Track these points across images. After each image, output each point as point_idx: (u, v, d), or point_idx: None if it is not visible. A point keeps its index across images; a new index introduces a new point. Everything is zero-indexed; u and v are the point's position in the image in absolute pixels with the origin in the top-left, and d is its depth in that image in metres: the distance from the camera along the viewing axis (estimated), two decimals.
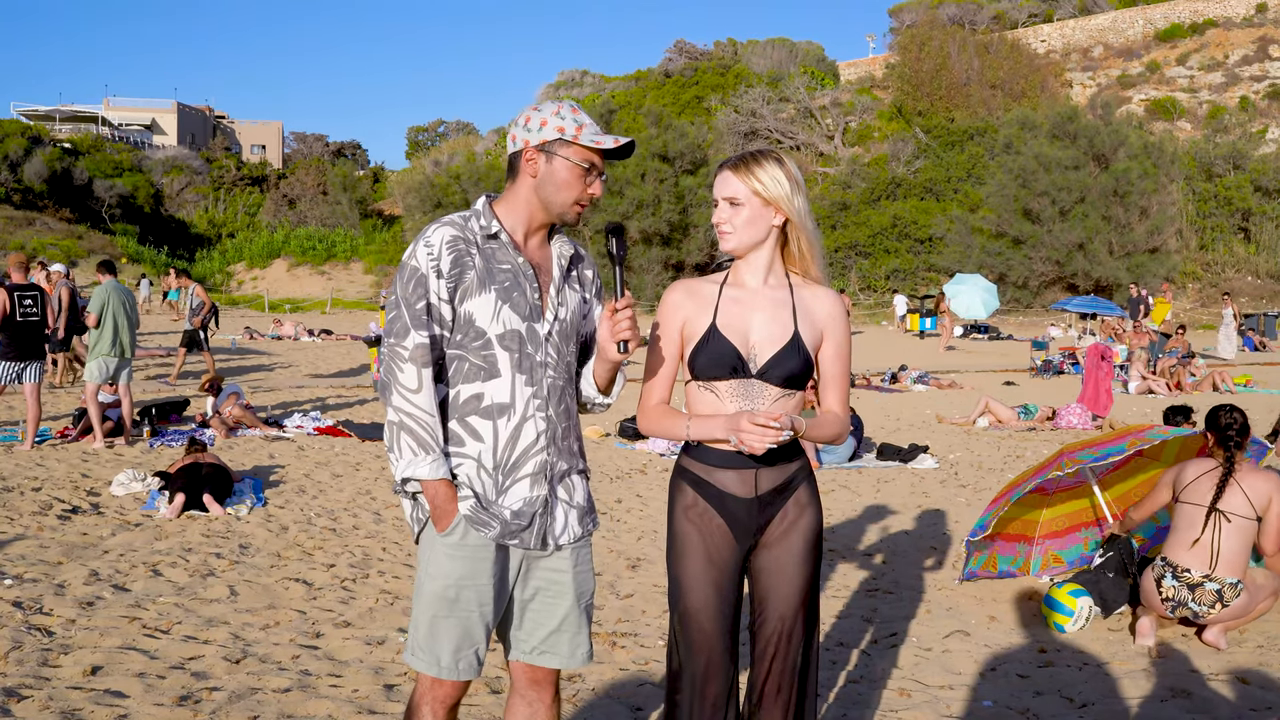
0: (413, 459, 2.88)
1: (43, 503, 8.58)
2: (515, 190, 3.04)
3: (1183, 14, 59.24)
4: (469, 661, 2.98)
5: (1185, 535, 5.76)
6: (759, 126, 55.18)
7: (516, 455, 2.97)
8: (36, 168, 54.56)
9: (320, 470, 10.66)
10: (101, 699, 4.62)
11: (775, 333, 3.15)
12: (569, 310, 3.08)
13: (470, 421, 2.96)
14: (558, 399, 3.03)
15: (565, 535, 3.06)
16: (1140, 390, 20.04)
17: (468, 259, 2.94)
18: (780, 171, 3.18)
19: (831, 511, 9.17)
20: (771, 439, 2.97)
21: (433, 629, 2.97)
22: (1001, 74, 54.73)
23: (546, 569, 3.07)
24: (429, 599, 2.97)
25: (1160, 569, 5.79)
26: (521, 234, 3.04)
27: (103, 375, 11.60)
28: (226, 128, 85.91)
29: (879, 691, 5.03)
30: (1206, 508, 5.70)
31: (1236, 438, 5.83)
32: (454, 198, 49.42)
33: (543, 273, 3.06)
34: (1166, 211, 42.58)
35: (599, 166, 3.00)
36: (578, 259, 3.18)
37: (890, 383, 20.77)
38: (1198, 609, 5.67)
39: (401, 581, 6.78)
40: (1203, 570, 5.68)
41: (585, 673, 5.14)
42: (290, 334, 30.50)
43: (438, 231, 2.95)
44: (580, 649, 3.13)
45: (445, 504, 2.92)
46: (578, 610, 3.11)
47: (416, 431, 2.88)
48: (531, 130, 2.98)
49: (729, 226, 3.16)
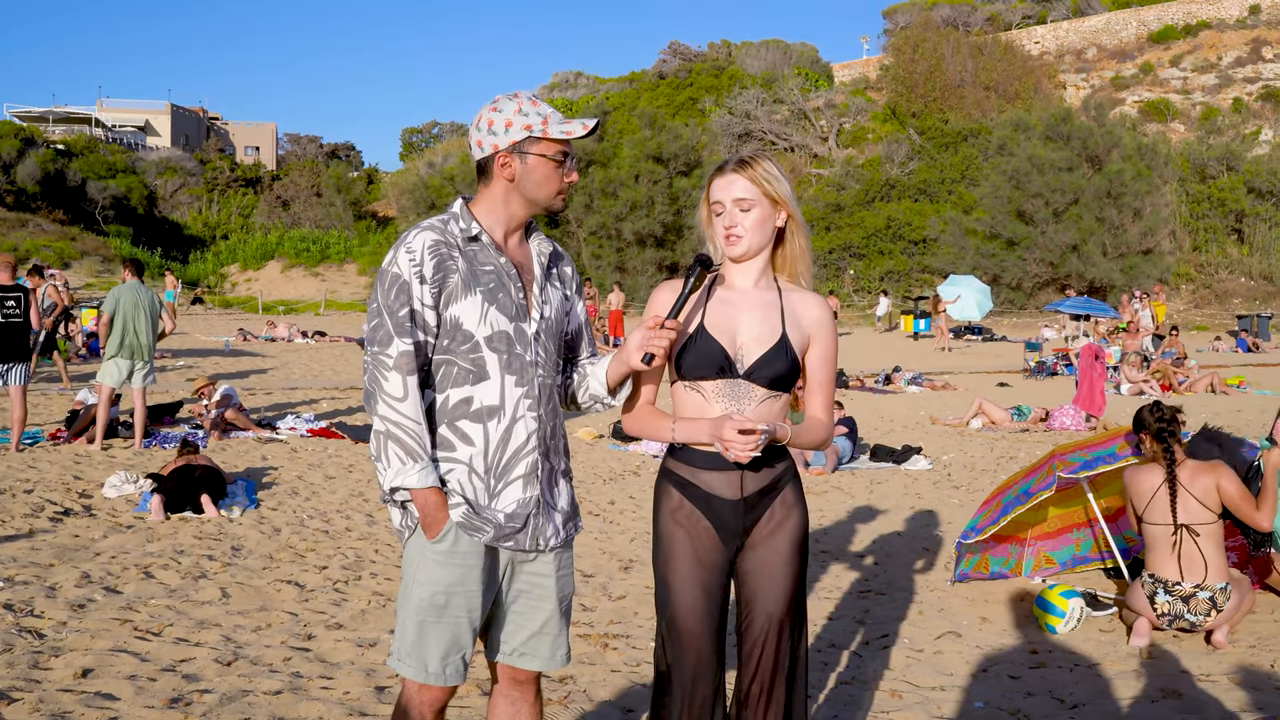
0: (401, 468, 2.87)
1: (34, 505, 8.57)
2: (490, 192, 3.02)
3: (1176, 16, 59.34)
4: (456, 667, 2.99)
5: (1163, 551, 5.80)
6: (753, 128, 55.17)
7: (507, 458, 2.96)
8: (30, 169, 54.43)
9: (313, 472, 10.65)
10: (92, 701, 4.61)
11: (763, 334, 3.15)
12: (553, 308, 3.09)
13: (460, 426, 2.95)
14: (547, 398, 3.03)
15: (554, 538, 3.07)
16: (1133, 392, 20.06)
17: (450, 263, 2.92)
18: (778, 169, 3.18)
19: (824, 513, 9.18)
20: (754, 448, 2.97)
21: (421, 635, 2.96)
22: (995, 75, 54.78)
23: (530, 572, 3.07)
24: (417, 605, 2.96)
25: (1151, 585, 5.80)
26: (501, 234, 3.04)
27: (115, 378, 11.53)
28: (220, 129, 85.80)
29: (871, 692, 5.04)
30: (1171, 527, 5.74)
31: (1169, 427, 5.87)
32: (448, 199, 48.80)
33: (525, 272, 3.06)
34: (1160, 213, 42.64)
35: (571, 152, 3.01)
36: (556, 256, 3.18)
37: (884, 384, 20.79)
38: (1194, 619, 5.70)
39: (394, 584, 6.78)
40: (1193, 581, 5.70)
41: (577, 673, 5.15)
42: (284, 336, 30.45)
43: (419, 236, 2.93)
44: (560, 651, 3.15)
45: (435, 511, 2.91)
46: (559, 613, 3.12)
47: (404, 440, 2.87)
48: (498, 133, 2.96)
49: (740, 230, 3.13)
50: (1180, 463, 5.83)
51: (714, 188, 3.17)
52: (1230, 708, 4.82)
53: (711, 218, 3.21)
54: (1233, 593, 5.69)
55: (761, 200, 3.13)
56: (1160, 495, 5.79)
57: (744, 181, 3.12)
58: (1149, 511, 5.84)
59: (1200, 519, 5.70)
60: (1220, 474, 5.75)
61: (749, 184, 3.12)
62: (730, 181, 3.14)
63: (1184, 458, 5.88)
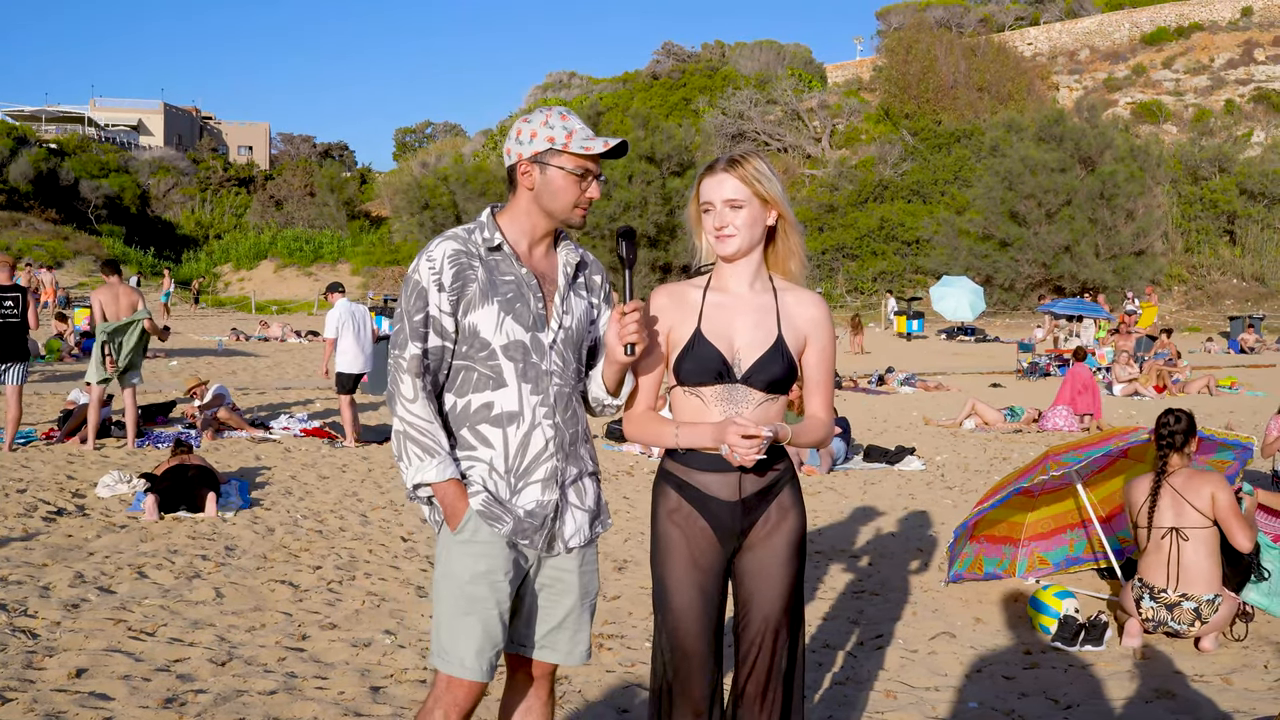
0: (420, 465, 2.95)
1: (28, 504, 8.55)
2: (516, 202, 3.09)
3: (1169, 17, 59.50)
4: (491, 661, 3.00)
5: (1154, 557, 5.83)
6: (746, 129, 55.22)
7: (527, 462, 3.02)
8: (22, 168, 54.35)
9: (307, 472, 10.64)
10: (86, 701, 4.61)
11: (759, 338, 3.15)
12: (574, 318, 3.12)
13: (481, 430, 3.01)
14: (564, 405, 3.07)
15: (576, 538, 3.11)
16: (1126, 392, 20.10)
17: (470, 272, 2.99)
18: (769, 167, 3.17)
19: (818, 513, 9.18)
20: (758, 451, 2.98)
21: (453, 629, 2.98)
22: (988, 77, 54.89)
23: (553, 566, 3.11)
24: (447, 598, 3.00)
25: (1138, 589, 5.82)
26: (525, 244, 3.09)
27: (97, 374, 11.49)
28: (213, 129, 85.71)
29: (865, 693, 5.04)
30: (1163, 531, 5.76)
31: (1168, 438, 5.91)
32: (441, 199, 49.37)
33: (547, 282, 3.10)
34: (1153, 214, 42.78)
35: (594, 170, 3.04)
36: (584, 265, 3.21)
37: (877, 385, 20.81)
38: (1178, 627, 5.71)
39: (388, 584, 6.77)
40: (1180, 589, 5.71)
41: (571, 674, 5.14)
42: (277, 335, 30.44)
43: (440, 246, 3.01)
44: (579, 647, 3.17)
45: (455, 502, 2.97)
46: (580, 609, 3.15)
47: (419, 439, 2.95)
48: (523, 143, 3.03)
49: (732, 230, 3.13)
50: (1173, 471, 5.86)
51: (704, 187, 3.16)
52: (1223, 708, 4.83)
53: (700, 216, 3.19)
54: (1221, 605, 5.69)
55: (752, 200, 3.12)
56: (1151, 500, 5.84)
57: (734, 181, 3.12)
58: (1142, 515, 5.87)
59: (1192, 523, 5.71)
60: (1216, 483, 5.77)
61: (739, 184, 3.11)
62: (720, 181, 3.13)
63: (1179, 465, 5.90)
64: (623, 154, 3.04)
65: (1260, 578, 6.16)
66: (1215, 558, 5.77)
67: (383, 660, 5.35)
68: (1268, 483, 10.03)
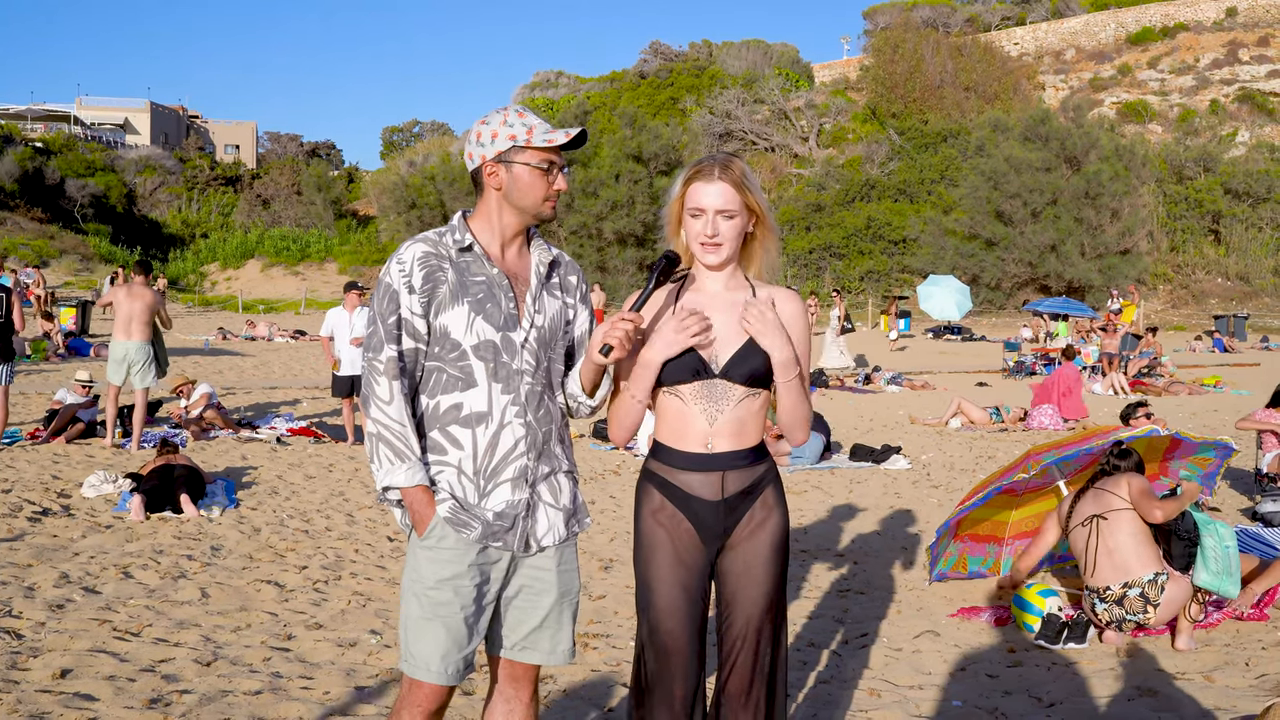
0: (390, 468, 2.97)
1: (12, 505, 8.53)
2: (485, 203, 3.11)
3: (1154, 18, 59.63)
4: (457, 667, 3.01)
5: (1085, 558, 5.93)
6: (734, 128, 55.19)
7: (496, 461, 3.02)
8: (8, 167, 54.06)
9: (293, 472, 10.63)
10: (71, 702, 4.60)
11: (734, 333, 3.16)
12: (547, 317, 3.13)
13: (450, 430, 3.03)
14: (537, 404, 3.08)
15: (549, 536, 3.11)
16: (1106, 389, 20.19)
17: (440, 274, 3.01)
18: (752, 173, 3.20)
19: (804, 512, 9.21)
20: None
21: (418, 633, 2.99)
22: (975, 76, 54.94)
23: (530, 567, 3.11)
24: (413, 603, 3.01)
25: (1089, 598, 5.88)
26: (497, 245, 3.11)
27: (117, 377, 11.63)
28: (200, 127, 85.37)
29: (849, 691, 5.07)
30: (1084, 519, 5.88)
31: (1108, 465, 6.13)
32: (428, 198, 49.26)
33: (519, 281, 3.11)
34: (1138, 214, 42.85)
35: (558, 161, 3.07)
36: (557, 265, 3.22)
37: (863, 384, 20.85)
38: (1138, 618, 5.73)
39: (374, 584, 6.78)
40: (1118, 580, 5.74)
41: (556, 673, 5.16)
42: (264, 335, 30.34)
43: (410, 248, 3.04)
44: (561, 646, 3.17)
45: (422, 509, 2.99)
46: (559, 608, 3.15)
47: (392, 442, 2.97)
48: (485, 145, 3.05)
49: (721, 239, 3.14)
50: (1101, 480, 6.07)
51: (695, 192, 3.13)
52: (1205, 705, 4.86)
53: (684, 218, 3.18)
54: (1168, 584, 5.72)
55: (742, 210, 3.15)
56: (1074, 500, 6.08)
57: (730, 190, 3.12)
58: (1071, 518, 6.06)
59: (1111, 505, 5.83)
60: (1130, 475, 5.95)
61: (734, 193, 3.12)
62: (718, 190, 3.11)
63: None
64: (583, 143, 3.07)
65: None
66: (1141, 536, 5.81)
67: (368, 660, 5.36)
68: (1250, 480, 10.10)
